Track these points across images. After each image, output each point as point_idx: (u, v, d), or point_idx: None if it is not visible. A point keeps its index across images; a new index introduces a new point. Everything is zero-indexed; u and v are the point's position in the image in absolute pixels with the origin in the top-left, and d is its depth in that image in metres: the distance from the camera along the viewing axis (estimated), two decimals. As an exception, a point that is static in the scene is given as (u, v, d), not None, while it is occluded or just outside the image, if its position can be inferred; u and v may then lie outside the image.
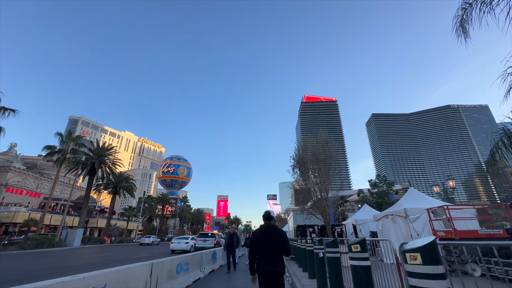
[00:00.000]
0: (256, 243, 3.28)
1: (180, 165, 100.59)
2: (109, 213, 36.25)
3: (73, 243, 24.89)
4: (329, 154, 11.70)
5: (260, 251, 3.23)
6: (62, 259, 13.40)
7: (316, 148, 12.00)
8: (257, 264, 3.23)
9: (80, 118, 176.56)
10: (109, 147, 32.05)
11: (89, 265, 10.84)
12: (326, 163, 11.54)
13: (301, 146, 12.73)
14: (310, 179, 11.94)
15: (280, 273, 3.16)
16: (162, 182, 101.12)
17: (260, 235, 3.32)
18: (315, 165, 11.92)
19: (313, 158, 12.04)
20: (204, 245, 16.79)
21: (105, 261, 12.10)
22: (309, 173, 12.08)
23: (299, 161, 12.15)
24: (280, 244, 3.23)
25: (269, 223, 3.42)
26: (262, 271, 3.15)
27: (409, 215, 9.13)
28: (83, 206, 28.79)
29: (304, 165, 12.01)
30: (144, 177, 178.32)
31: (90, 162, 28.26)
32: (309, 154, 12.11)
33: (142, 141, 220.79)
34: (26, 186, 47.83)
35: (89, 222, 47.91)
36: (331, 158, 11.58)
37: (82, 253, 17.43)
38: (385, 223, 10.95)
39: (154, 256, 14.15)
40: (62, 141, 25.15)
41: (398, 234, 9.68)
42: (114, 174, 32.60)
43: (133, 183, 37.00)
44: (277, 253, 3.21)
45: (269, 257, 3.17)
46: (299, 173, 12.60)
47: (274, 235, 3.27)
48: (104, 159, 30.10)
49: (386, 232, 10.66)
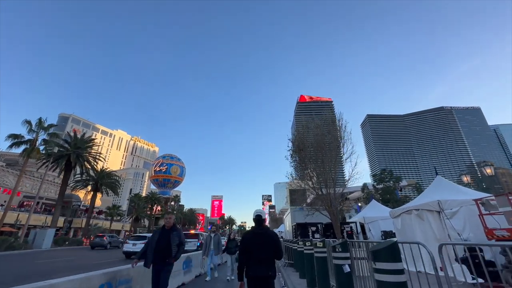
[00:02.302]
0: (247, 245, 3.08)
1: (173, 164, 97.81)
2: (88, 212, 33.22)
3: (41, 245, 22.00)
4: (336, 135, 9.48)
5: (250, 254, 3.01)
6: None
7: (320, 127, 9.77)
8: (247, 268, 3.01)
9: (70, 115, 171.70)
10: (88, 139, 29.16)
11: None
12: (332, 148, 9.33)
13: (303, 126, 10.47)
14: (311, 167, 9.69)
15: (271, 277, 2.96)
16: (154, 182, 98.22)
17: (251, 237, 3.14)
18: (318, 151, 9.68)
19: (317, 141, 9.80)
20: (186, 248, 14.00)
21: (42, 271, 9.37)
22: (310, 161, 9.84)
23: (299, 145, 9.90)
24: (272, 246, 3.03)
25: (260, 226, 3.22)
26: (252, 275, 2.94)
27: (444, 209, 6.96)
28: (57, 204, 25.89)
29: (305, 149, 9.77)
30: (136, 176, 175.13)
31: (65, 155, 25.38)
32: (311, 136, 9.89)
33: (135, 140, 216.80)
34: (5, 183, 44.95)
35: (73, 222, 45.21)
36: (340, 140, 9.36)
37: (40, 257, 14.72)
38: (407, 221, 8.77)
39: (117, 263, 11.64)
40: (31, 130, 22.28)
41: (427, 233, 7.50)
42: (95, 169, 29.71)
43: (116, 179, 34.11)
44: (268, 257, 3.01)
45: (259, 260, 2.97)
46: (298, 160, 10.36)
47: (266, 237, 3.08)
48: (83, 152, 27.22)
49: (409, 231, 8.48)
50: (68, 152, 25.62)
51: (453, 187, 8.25)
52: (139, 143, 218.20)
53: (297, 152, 9.85)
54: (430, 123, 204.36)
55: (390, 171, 20.38)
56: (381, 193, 18.92)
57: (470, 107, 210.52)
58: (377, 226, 12.56)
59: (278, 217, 73.08)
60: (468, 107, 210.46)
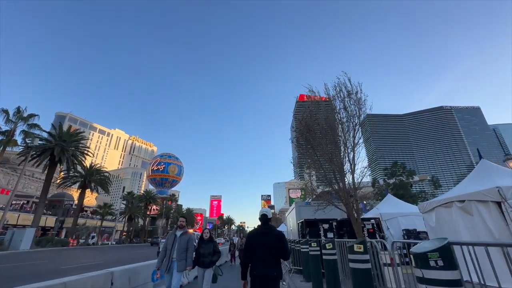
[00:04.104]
0: (251, 244, 3.01)
1: (171, 163, 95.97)
2: (76, 211, 31.21)
3: (19, 246, 20.03)
4: (351, 112, 7.67)
5: (254, 253, 2.92)
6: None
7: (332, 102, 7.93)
8: (251, 267, 2.91)
9: (67, 114, 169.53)
10: (75, 132, 27.18)
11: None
12: (350, 126, 7.51)
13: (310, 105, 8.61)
14: (321, 151, 7.87)
15: (276, 277, 2.85)
16: (152, 181, 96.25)
17: (256, 236, 3.06)
18: (329, 132, 7.87)
19: (328, 121, 7.97)
20: None
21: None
22: (321, 143, 8.02)
23: (305, 126, 8.06)
24: (278, 246, 2.92)
25: (266, 225, 3.12)
26: (257, 274, 2.82)
27: (508, 199, 5.17)
28: (40, 201, 23.92)
29: (314, 129, 7.95)
30: (134, 176, 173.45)
31: (48, 148, 23.41)
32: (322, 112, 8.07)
33: (133, 140, 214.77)
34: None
35: (65, 221, 43.41)
36: (356, 119, 7.52)
37: (5, 261, 12.79)
38: (444, 216, 6.95)
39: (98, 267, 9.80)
40: (8, 120, 20.32)
41: (477, 232, 5.70)
42: (82, 164, 27.74)
43: (106, 176, 32.11)
44: (273, 256, 2.91)
45: (264, 260, 2.86)
46: (305, 145, 8.53)
47: (271, 236, 2.99)
48: (69, 146, 25.24)
49: (448, 229, 6.65)
50: (52, 145, 23.64)
51: (506, 172, 6.44)
52: (137, 143, 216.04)
53: (305, 134, 8.02)
54: (430, 123, 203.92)
55: (403, 164, 18.57)
56: (393, 189, 17.05)
57: (470, 106, 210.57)
58: (396, 224, 10.76)
59: (277, 217, 71.43)
60: (468, 106, 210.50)
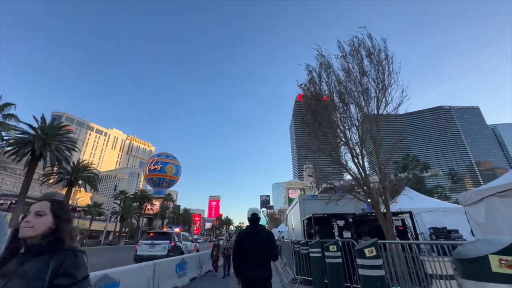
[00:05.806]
0: (241, 245, 2.99)
1: (168, 162, 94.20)
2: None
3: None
4: (376, 77, 5.92)
5: (245, 254, 2.93)
6: None
7: (348, 59, 6.16)
8: (242, 268, 2.92)
9: (64, 114, 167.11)
10: (60, 125, 25.27)
11: None
12: (371, 90, 5.77)
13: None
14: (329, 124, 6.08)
15: (267, 278, 2.88)
16: (149, 181, 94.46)
17: (245, 237, 3.04)
18: (345, 103, 6.11)
19: (342, 86, 6.19)
20: (152, 253, 10.00)
21: None
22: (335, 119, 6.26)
23: (312, 93, 6.29)
24: (267, 247, 2.93)
25: (256, 225, 3.10)
26: (247, 276, 2.84)
27: None
28: (18, 200, 22.00)
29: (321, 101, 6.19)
30: (132, 176, 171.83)
31: (28, 142, 21.51)
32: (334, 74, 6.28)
33: (131, 139, 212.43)
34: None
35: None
36: (383, 84, 5.78)
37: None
38: (500, 209, 5.20)
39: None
40: (-21, 109, 18.44)
41: None
42: (68, 160, 25.82)
43: (95, 173, 30.20)
44: (263, 257, 2.92)
45: (254, 261, 2.87)
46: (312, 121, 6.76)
47: (261, 237, 2.97)
48: (53, 140, 23.33)
49: (505, 225, 4.92)
50: (31, 138, 21.74)
51: None
52: (135, 143, 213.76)
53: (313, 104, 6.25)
54: (429, 123, 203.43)
55: (415, 157, 16.79)
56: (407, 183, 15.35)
57: (469, 106, 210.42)
58: (419, 221, 9.05)
59: (276, 217, 69.81)
60: (467, 106, 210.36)
